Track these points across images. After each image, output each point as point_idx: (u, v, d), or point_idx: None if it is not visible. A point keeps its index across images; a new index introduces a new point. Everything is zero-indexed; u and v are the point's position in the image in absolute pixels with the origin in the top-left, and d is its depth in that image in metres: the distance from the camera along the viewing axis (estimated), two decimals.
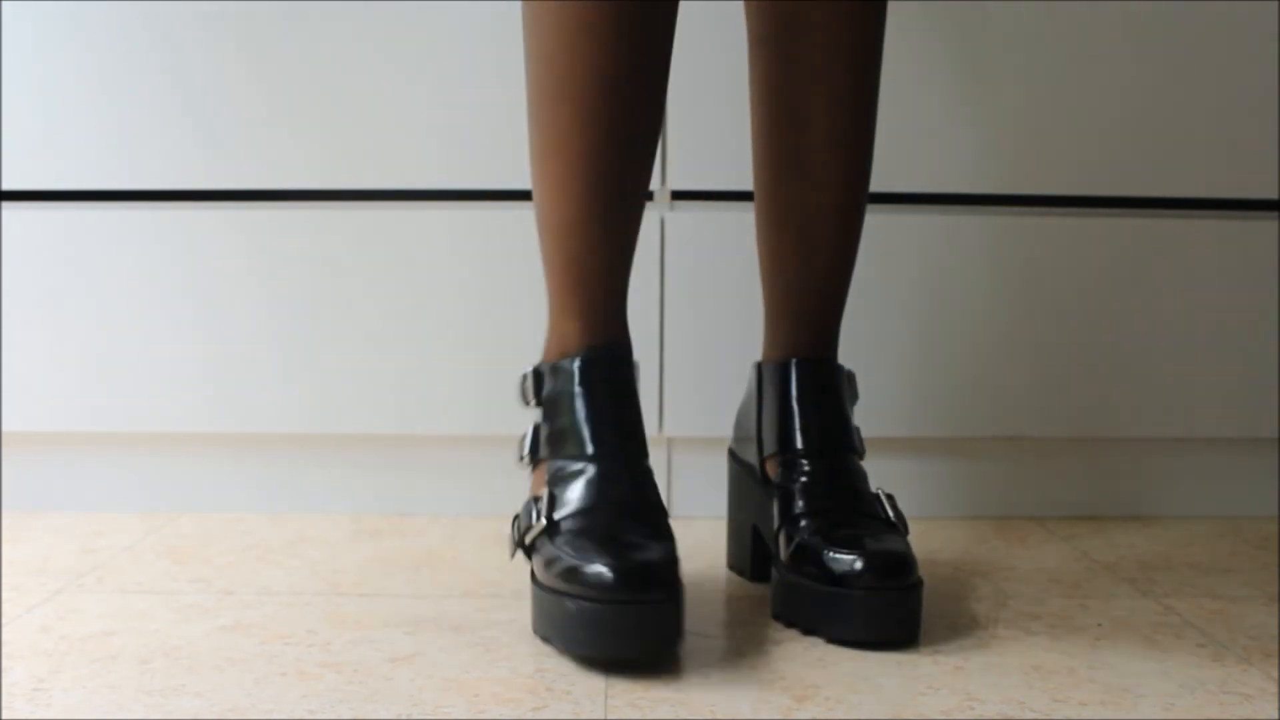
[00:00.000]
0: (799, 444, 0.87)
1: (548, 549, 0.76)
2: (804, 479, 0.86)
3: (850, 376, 0.92)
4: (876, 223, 1.10)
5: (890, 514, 0.85)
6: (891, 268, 1.11)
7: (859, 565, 0.78)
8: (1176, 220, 1.12)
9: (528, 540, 0.78)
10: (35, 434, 1.13)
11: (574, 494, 0.77)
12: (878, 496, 0.86)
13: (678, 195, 1.10)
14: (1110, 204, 1.13)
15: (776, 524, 0.85)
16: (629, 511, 0.77)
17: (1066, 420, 1.13)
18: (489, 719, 0.67)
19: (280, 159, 1.09)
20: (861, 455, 0.90)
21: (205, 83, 1.08)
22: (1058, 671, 0.75)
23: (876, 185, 1.10)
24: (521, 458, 0.82)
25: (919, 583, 0.80)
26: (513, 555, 0.80)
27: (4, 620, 0.82)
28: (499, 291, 1.09)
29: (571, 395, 0.79)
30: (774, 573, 0.84)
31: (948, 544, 1.05)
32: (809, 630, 0.81)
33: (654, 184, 1.09)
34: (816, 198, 0.88)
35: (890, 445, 1.14)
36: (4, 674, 0.73)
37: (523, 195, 0.94)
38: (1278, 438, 1.14)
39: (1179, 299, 1.13)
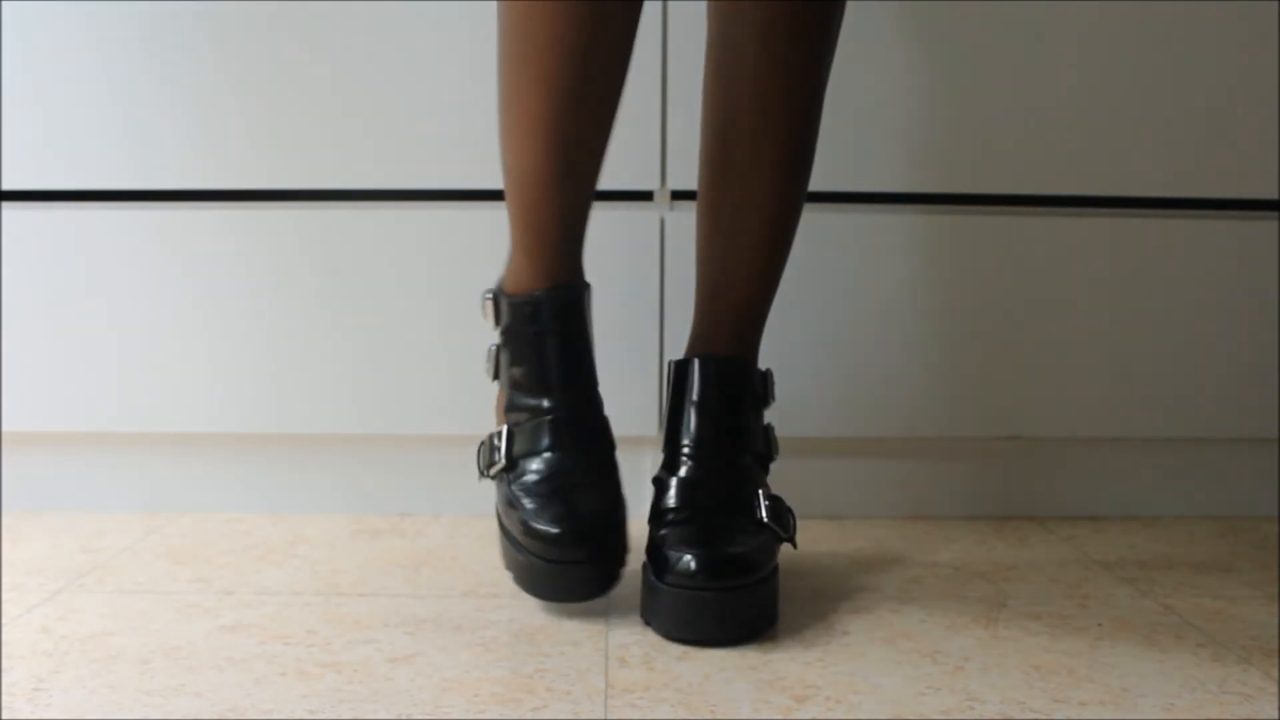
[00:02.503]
0: (683, 441, 0.87)
1: (506, 489, 0.84)
2: (679, 476, 0.85)
3: (764, 377, 0.90)
4: (877, 222, 1.11)
5: (765, 516, 0.83)
6: (891, 267, 1.11)
7: (681, 562, 0.78)
8: (1176, 220, 1.12)
9: (490, 474, 0.87)
10: (35, 434, 1.12)
11: (528, 434, 0.85)
12: (755, 497, 0.85)
13: (677, 195, 1.10)
14: (1110, 204, 1.13)
15: (648, 518, 0.86)
16: (577, 450, 0.84)
17: (1066, 420, 1.13)
18: (489, 719, 0.67)
19: (282, 159, 1.09)
20: (768, 456, 0.89)
21: (207, 82, 1.08)
22: (1058, 671, 0.75)
23: (873, 186, 1.11)
24: (490, 374, 0.90)
25: (747, 585, 0.79)
26: (480, 479, 0.88)
27: (4, 620, 0.82)
28: None
29: (525, 335, 0.86)
30: None
31: (948, 544, 1.05)
32: (646, 623, 0.81)
33: (654, 184, 1.10)
34: (740, 195, 0.88)
35: (890, 445, 1.14)
36: (4, 674, 0.73)
37: None
38: (1278, 438, 1.14)
39: (1179, 299, 1.13)
